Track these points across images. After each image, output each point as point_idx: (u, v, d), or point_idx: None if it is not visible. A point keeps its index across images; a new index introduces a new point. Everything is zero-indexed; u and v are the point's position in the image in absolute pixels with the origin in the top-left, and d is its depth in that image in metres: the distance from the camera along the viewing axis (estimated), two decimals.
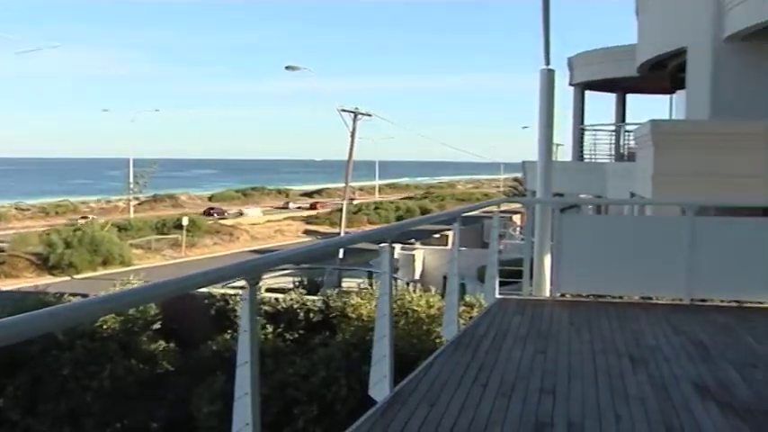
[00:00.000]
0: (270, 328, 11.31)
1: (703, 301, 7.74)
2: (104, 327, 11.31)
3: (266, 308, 11.86)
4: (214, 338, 11.50)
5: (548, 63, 8.51)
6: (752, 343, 6.13)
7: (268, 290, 14.32)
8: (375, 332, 4.84)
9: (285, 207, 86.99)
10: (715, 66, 14.32)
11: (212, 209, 78.47)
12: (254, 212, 72.04)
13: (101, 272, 38.23)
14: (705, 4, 14.60)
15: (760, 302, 7.64)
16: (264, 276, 19.40)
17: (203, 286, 3.11)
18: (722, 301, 7.76)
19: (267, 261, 3.54)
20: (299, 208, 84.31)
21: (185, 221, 50.06)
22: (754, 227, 8.06)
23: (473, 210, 8.36)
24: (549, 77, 8.44)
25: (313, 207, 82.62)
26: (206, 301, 12.38)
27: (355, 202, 77.52)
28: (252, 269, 3.21)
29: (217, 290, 12.57)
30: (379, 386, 4.76)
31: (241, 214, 71.83)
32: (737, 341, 6.19)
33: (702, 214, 8.06)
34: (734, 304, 7.68)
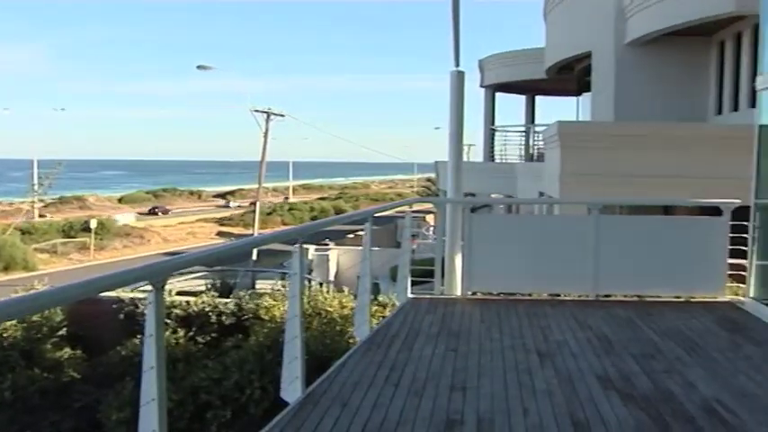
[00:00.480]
0: (181, 332, 11.09)
1: (608, 296, 7.99)
2: (5, 335, 10.85)
3: (177, 311, 11.61)
4: (123, 343, 11.20)
5: (457, 65, 8.63)
6: (652, 335, 6.36)
7: (179, 293, 14.01)
8: (286, 333, 4.80)
9: (226, 206, 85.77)
10: (618, 69, 14.84)
11: (156, 207, 79.86)
12: (126, 218, 64.41)
13: (1, 278, 36.70)
14: (608, 10, 15.11)
15: (659, 296, 7.95)
16: (175, 279, 19.04)
17: (107, 290, 3.01)
18: (625, 297, 8.03)
19: (173, 264, 3.46)
20: (238, 206, 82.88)
21: (93, 224, 48.49)
22: (655, 224, 8.39)
23: (385, 210, 8.40)
24: (458, 79, 8.56)
25: (253, 204, 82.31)
26: (114, 306, 12.03)
27: (273, 201, 77.11)
28: (157, 272, 3.13)
29: (126, 293, 12.24)
30: (291, 388, 4.73)
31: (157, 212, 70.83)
32: (638, 334, 6.42)
33: (607, 213, 8.33)
34: (636, 299, 7.97)
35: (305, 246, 4.96)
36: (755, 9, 7.86)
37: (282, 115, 39.33)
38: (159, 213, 75.26)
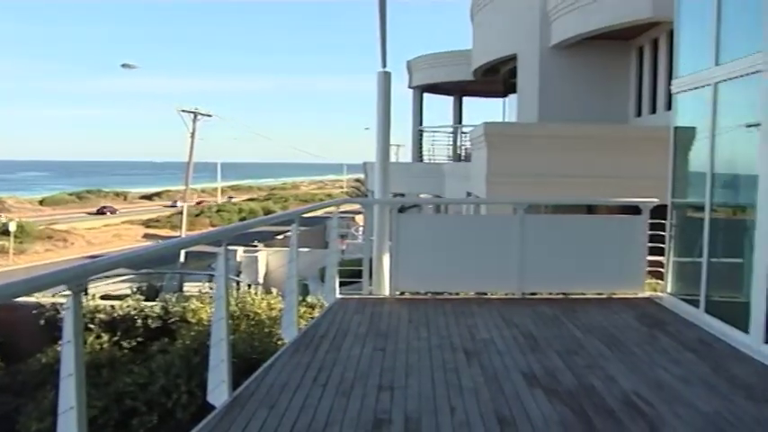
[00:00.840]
0: (105, 337, 10.83)
1: (534, 294, 8.15)
2: None
3: (101, 316, 11.34)
4: (44, 351, 10.87)
5: (384, 66, 8.67)
6: (575, 332, 6.52)
7: (103, 297, 13.70)
8: (212, 336, 4.74)
9: (173, 205, 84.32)
10: (542, 72, 15.13)
11: (105, 207, 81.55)
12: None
13: None
14: (533, 14, 15.39)
15: (583, 294, 8.15)
16: (100, 283, 18.59)
17: (21, 295, 2.91)
18: (551, 294, 8.20)
19: (93, 267, 3.36)
20: (196, 204, 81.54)
21: (12, 226, 46.86)
22: (578, 223, 8.59)
23: (312, 210, 8.36)
24: (385, 80, 8.60)
25: (200, 204, 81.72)
26: (34, 311, 11.67)
27: (200, 203, 76.20)
28: (75, 275, 3.05)
29: (47, 298, 11.89)
30: (218, 391, 4.67)
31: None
32: (563, 331, 6.56)
33: (532, 212, 8.48)
34: (561, 296, 8.15)
35: (233, 247, 4.91)
36: (671, 16, 8.13)
37: (210, 115, 38.83)
38: (108, 213, 77.43)
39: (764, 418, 4.42)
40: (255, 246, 32.53)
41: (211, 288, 12.39)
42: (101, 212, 77.98)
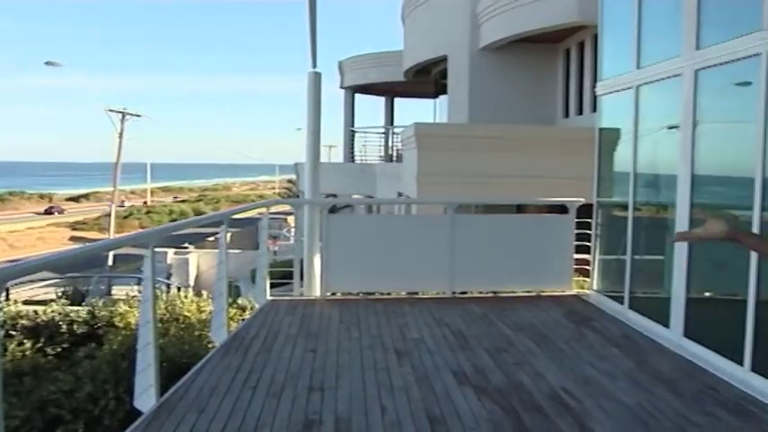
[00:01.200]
0: (28, 344, 10.48)
1: (464, 293, 8.24)
2: None
3: (24, 322, 10.97)
4: None
5: (314, 66, 8.63)
6: (505, 330, 6.61)
7: (26, 302, 13.28)
8: (138, 340, 4.65)
9: (121, 205, 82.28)
10: (472, 73, 15.30)
11: (52, 207, 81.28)
12: None
13: None
14: (463, 15, 15.55)
15: (513, 292, 8.28)
16: (22, 288, 18.02)
17: None
18: (481, 293, 8.30)
19: (13, 270, 3.24)
20: (132, 206, 79.64)
21: None
22: (507, 223, 8.72)
23: (242, 212, 8.28)
24: (316, 80, 8.57)
25: (145, 203, 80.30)
26: None
27: (126, 204, 74.77)
28: None
29: None
30: (145, 396, 4.58)
31: None
32: (493, 329, 6.65)
33: (463, 212, 8.57)
34: (491, 295, 8.25)
35: (164, 249, 4.82)
36: (596, 20, 8.32)
37: (139, 115, 38.15)
38: (56, 213, 77.90)
39: (684, 410, 4.56)
40: (186, 248, 32.05)
41: (140, 291, 12.13)
42: (48, 212, 78.02)
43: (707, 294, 6.50)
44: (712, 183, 6.22)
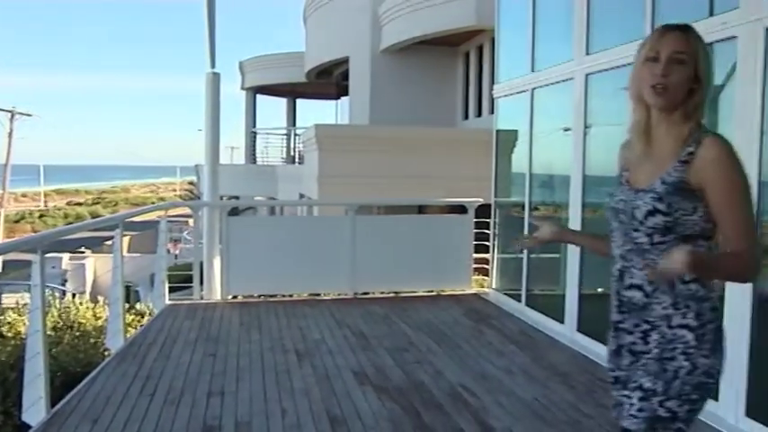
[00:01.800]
0: None
1: (366, 293, 8.28)
2: None
3: None
4: None
5: (213, 66, 8.51)
6: (406, 329, 6.67)
7: None
8: (27, 350, 4.47)
9: (96, 203, 78.06)
10: (373, 75, 15.38)
11: None
12: None
13: None
14: (364, 17, 15.61)
15: (414, 291, 8.37)
16: None
17: None
18: (382, 293, 8.36)
19: None
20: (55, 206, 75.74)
21: None
22: (407, 223, 8.81)
23: (138, 214, 8.08)
24: (214, 81, 8.45)
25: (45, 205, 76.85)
26: None
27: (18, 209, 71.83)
28: None
29: None
30: (34, 409, 4.40)
31: None
32: (393, 329, 6.70)
33: (364, 213, 8.61)
34: (392, 295, 8.32)
35: (59, 254, 4.64)
36: (493, 24, 8.51)
37: (29, 114, 36.55)
38: None
39: (577, 402, 4.71)
40: (83, 252, 30.96)
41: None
42: None
43: (599, 290, 6.74)
44: (604, 183, 6.45)
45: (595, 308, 6.41)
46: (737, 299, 4.32)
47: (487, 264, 8.46)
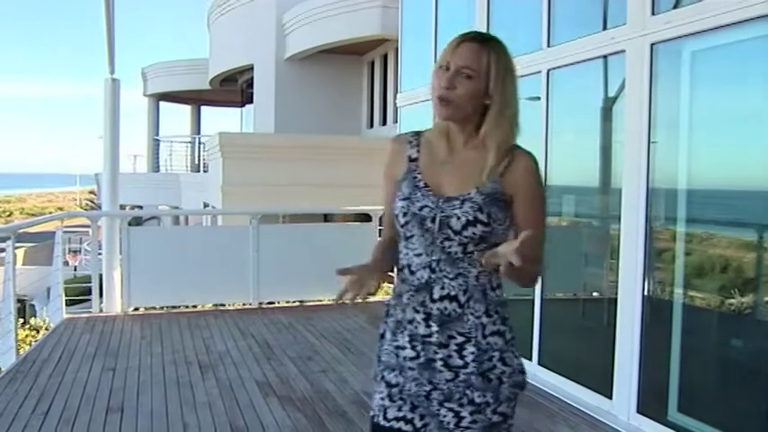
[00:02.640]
0: None
1: (270, 303, 8.22)
2: None
3: None
4: None
5: (113, 72, 8.31)
6: (310, 338, 6.67)
7: None
8: None
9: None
10: (278, 83, 15.33)
11: None
12: None
13: None
14: (269, 25, 15.55)
15: (319, 300, 8.36)
16: None
17: None
18: (287, 302, 8.32)
19: None
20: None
21: None
22: (311, 231, 8.81)
23: (31, 225, 7.80)
24: (114, 87, 8.25)
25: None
26: None
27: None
28: None
29: None
30: None
31: None
32: (298, 338, 6.69)
33: (270, 222, 8.56)
34: (297, 304, 8.29)
35: None
36: (397, 33, 8.62)
37: None
38: None
39: None
40: None
41: None
42: None
43: (503, 296, 6.90)
44: None
45: None
46: (628, 300, 4.52)
47: (392, 271, 8.51)
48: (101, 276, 7.90)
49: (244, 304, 8.12)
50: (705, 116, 4.26)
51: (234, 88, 19.94)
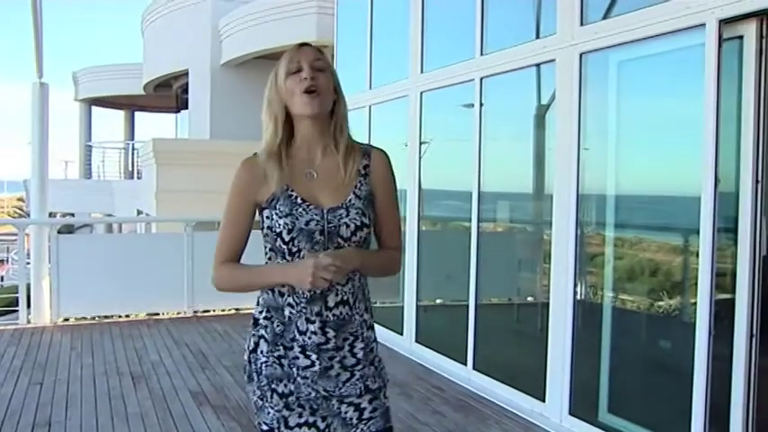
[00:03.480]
0: None
1: (206, 311, 8.12)
2: None
3: None
4: None
5: (41, 76, 8.11)
6: (245, 346, 6.59)
7: None
8: None
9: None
10: (213, 89, 15.16)
11: None
12: None
13: None
14: (204, 30, 15.36)
15: (249, 308, 8.27)
16: None
17: None
18: (223, 310, 8.23)
19: None
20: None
21: None
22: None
23: None
24: (42, 91, 8.04)
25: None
26: None
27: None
28: None
29: None
30: None
31: None
32: (233, 346, 6.62)
33: (205, 229, 8.45)
34: (233, 312, 8.20)
35: None
36: (333, 40, 8.62)
37: None
38: None
39: (414, 411, 4.84)
40: None
41: None
42: None
43: (438, 301, 6.97)
44: (440, 196, 6.70)
45: (433, 319, 6.61)
46: (560, 304, 4.60)
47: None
48: (29, 286, 7.69)
49: (178, 313, 8.00)
50: (632, 124, 4.38)
51: (169, 93, 19.62)
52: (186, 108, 17.49)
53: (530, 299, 5.96)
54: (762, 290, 3.44)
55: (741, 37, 3.46)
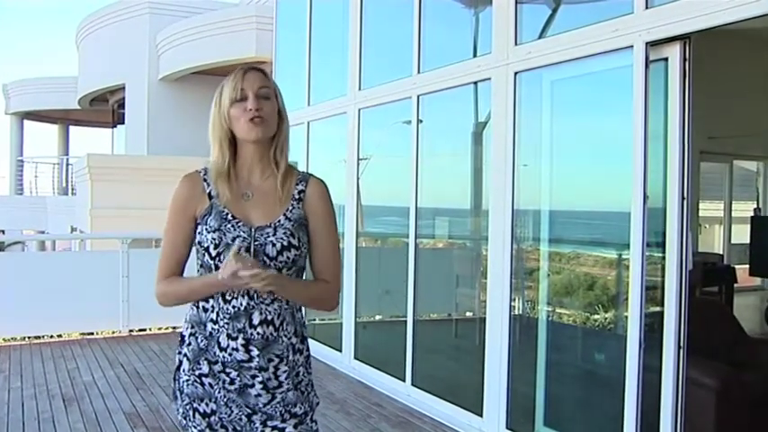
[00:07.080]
0: None
1: (142, 330, 7.96)
2: None
3: None
4: None
5: None
6: None
7: None
8: None
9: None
10: (151, 103, 14.96)
11: None
12: None
13: None
14: (141, 44, 15.17)
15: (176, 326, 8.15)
16: None
17: None
18: (159, 329, 8.08)
19: None
20: None
21: None
22: None
23: None
24: None
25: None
26: None
27: None
28: None
29: None
30: None
31: None
32: (170, 366, 6.49)
33: (141, 246, 8.31)
34: (170, 330, 8.07)
35: None
36: (272, 56, 8.61)
37: None
38: None
39: (353, 428, 4.82)
40: None
41: None
42: None
43: (377, 318, 6.98)
44: (380, 212, 6.72)
45: (372, 335, 6.62)
46: (496, 319, 4.65)
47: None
48: None
49: (113, 332, 7.84)
50: (566, 141, 4.48)
51: (105, 108, 19.26)
52: (123, 123, 17.21)
53: (468, 314, 6.02)
54: (687, 302, 3.53)
55: (666, 59, 3.57)
